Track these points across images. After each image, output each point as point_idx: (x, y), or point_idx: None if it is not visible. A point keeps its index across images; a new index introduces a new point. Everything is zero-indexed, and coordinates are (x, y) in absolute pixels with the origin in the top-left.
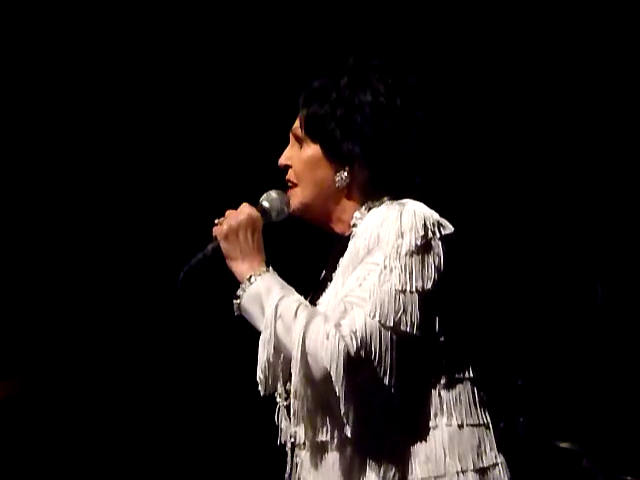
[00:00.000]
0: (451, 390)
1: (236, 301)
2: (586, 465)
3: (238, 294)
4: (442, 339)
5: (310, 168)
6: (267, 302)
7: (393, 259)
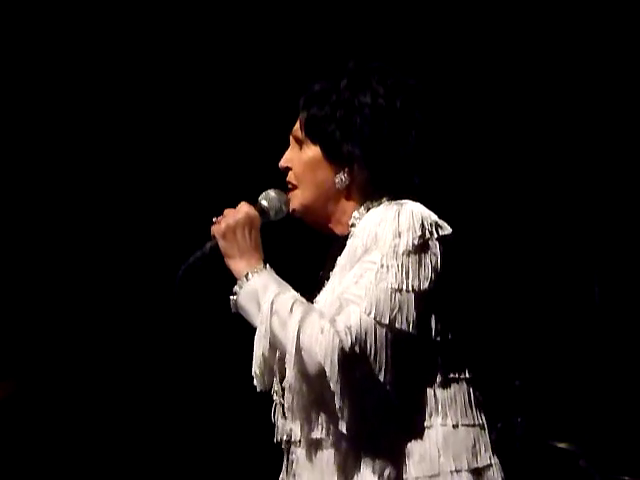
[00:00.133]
0: (446, 390)
1: (233, 298)
2: (583, 465)
3: (235, 291)
4: (438, 339)
5: (310, 169)
6: (263, 299)
7: (390, 258)
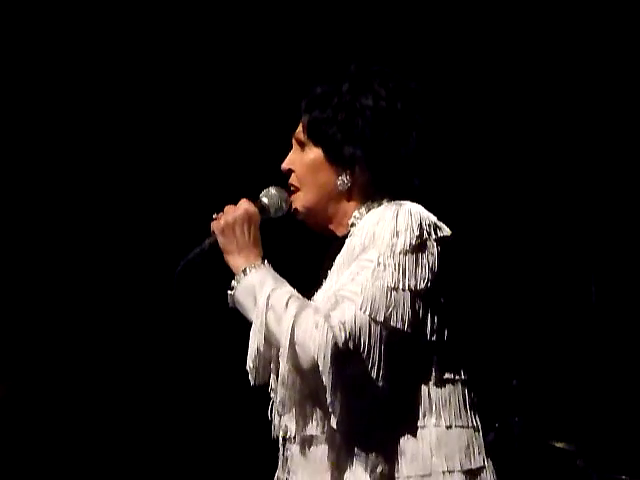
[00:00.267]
0: (441, 390)
1: (230, 292)
2: (581, 465)
3: (233, 286)
4: (434, 339)
5: (312, 171)
6: (260, 293)
7: (387, 257)
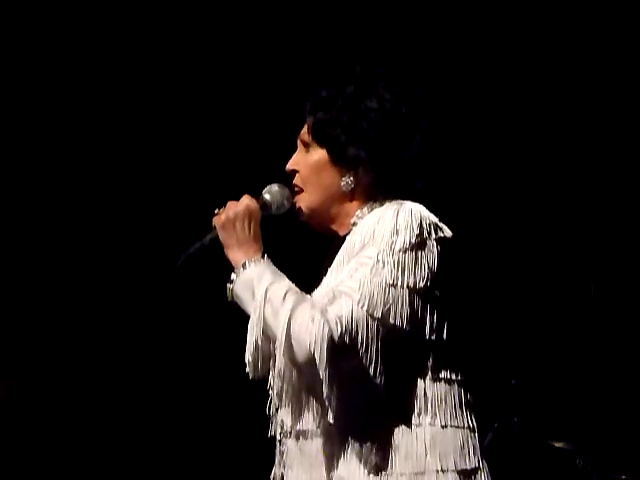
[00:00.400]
0: (437, 390)
1: (229, 286)
2: (580, 464)
3: (231, 279)
4: (432, 338)
5: (316, 172)
6: (258, 287)
7: (386, 254)
